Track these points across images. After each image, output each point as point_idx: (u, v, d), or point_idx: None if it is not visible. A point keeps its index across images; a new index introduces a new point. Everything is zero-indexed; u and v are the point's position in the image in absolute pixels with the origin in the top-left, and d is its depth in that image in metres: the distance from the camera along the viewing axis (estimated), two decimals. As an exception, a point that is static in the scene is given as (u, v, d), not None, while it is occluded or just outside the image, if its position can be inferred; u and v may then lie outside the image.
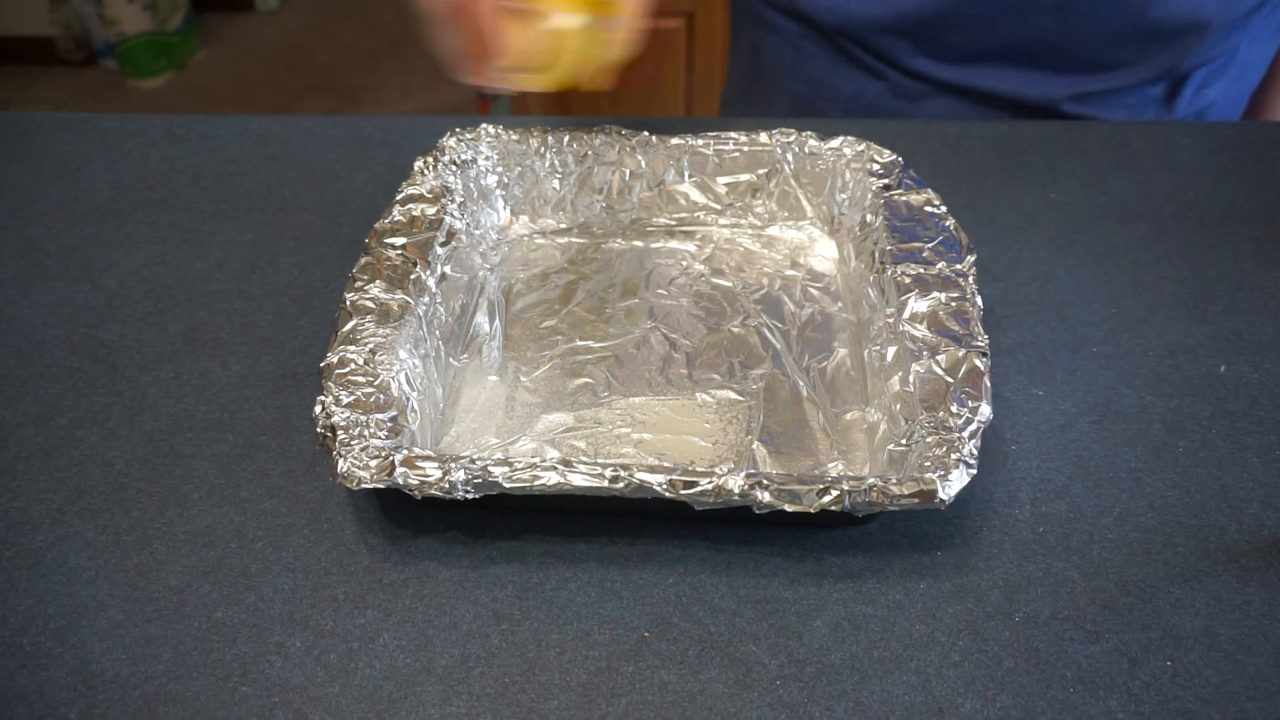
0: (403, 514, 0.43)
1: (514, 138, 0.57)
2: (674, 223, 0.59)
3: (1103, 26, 0.65)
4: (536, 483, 0.38)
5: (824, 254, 0.57)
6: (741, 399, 0.48)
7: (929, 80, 0.70)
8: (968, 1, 0.65)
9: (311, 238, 0.59)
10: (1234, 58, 0.69)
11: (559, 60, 0.48)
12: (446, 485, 0.38)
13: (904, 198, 0.52)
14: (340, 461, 0.39)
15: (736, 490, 0.38)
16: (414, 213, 0.52)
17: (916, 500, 0.38)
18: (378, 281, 0.47)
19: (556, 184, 0.58)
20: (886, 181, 0.54)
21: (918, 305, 0.46)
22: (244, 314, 0.54)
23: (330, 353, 0.44)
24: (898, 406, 0.43)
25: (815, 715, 0.36)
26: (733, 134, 0.57)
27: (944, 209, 0.52)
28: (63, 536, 0.43)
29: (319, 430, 0.40)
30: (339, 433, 0.40)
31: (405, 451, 0.39)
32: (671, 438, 0.46)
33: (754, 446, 0.45)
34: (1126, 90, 0.69)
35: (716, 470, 0.38)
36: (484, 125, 0.58)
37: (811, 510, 0.38)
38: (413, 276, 0.48)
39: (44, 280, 0.56)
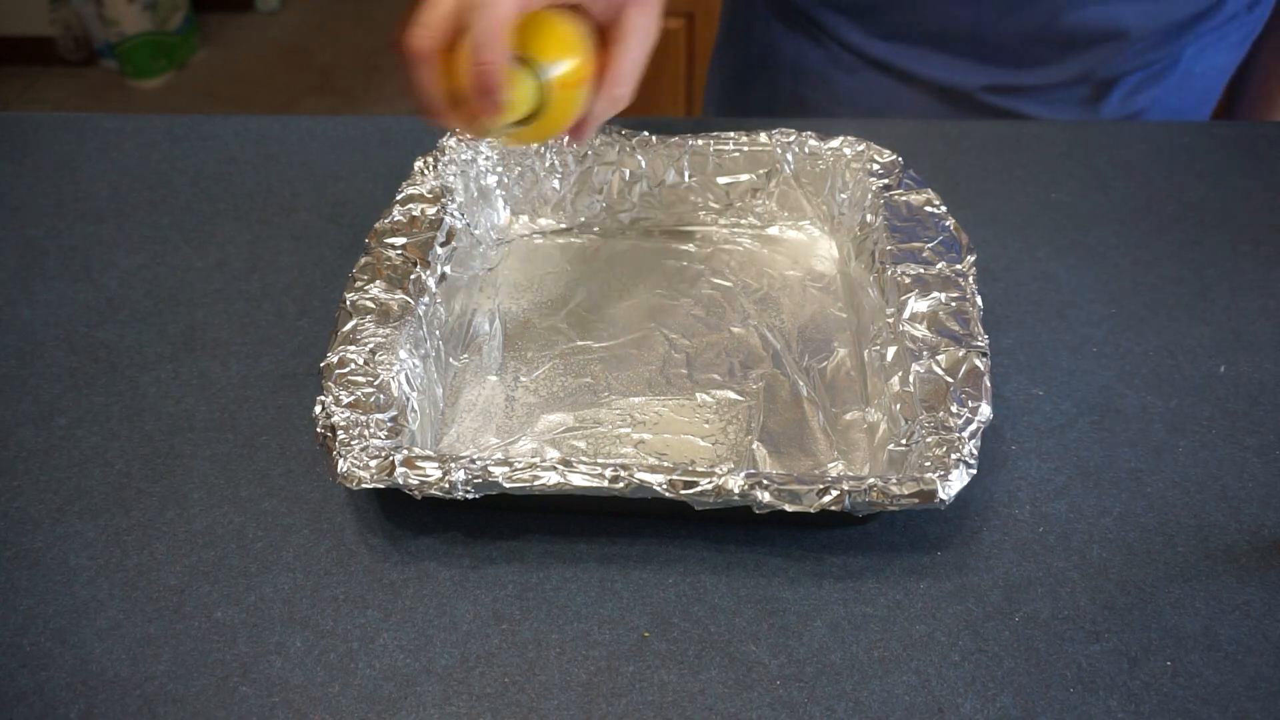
0: (403, 514, 0.43)
1: (514, 138, 0.57)
2: (674, 223, 0.59)
3: (1017, 25, 0.66)
4: (536, 483, 0.38)
5: (824, 254, 0.57)
6: (741, 399, 0.48)
7: (860, 54, 0.72)
8: None
9: (311, 238, 0.59)
10: (1174, 67, 0.69)
11: (550, 111, 0.42)
12: (446, 485, 0.38)
13: (904, 198, 0.52)
14: (340, 461, 0.39)
15: (736, 490, 0.38)
16: (414, 213, 0.52)
17: (916, 500, 0.38)
18: (378, 281, 0.47)
19: (556, 184, 0.58)
20: (886, 181, 0.54)
21: (918, 305, 0.46)
22: (244, 314, 0.54)
23: (330, 353, 0.44)
24: (898, 406, 0.43)
25: (815, 715, 0.36)
26: (733, 134, 0.57)
27: (944, 209, 0.52)
28: (63, 536, 0.43)
29: (319, 430, 0.40)
30: (339, 433, 0.40)
31: (405, 451, 0.39)
32: (671, 438, 0.46)
33: (754, 446, 0.45)
34: (1047, 88, 0.70)
35: (716, 470, 0.38)
36: (484, 125, 0.58)
37: (811, 510, 0.38)
38: (413, 276, 0.48)
39: (44, 280, 0.56)
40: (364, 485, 0.39)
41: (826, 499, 0.38)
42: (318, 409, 0.41)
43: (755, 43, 0.78)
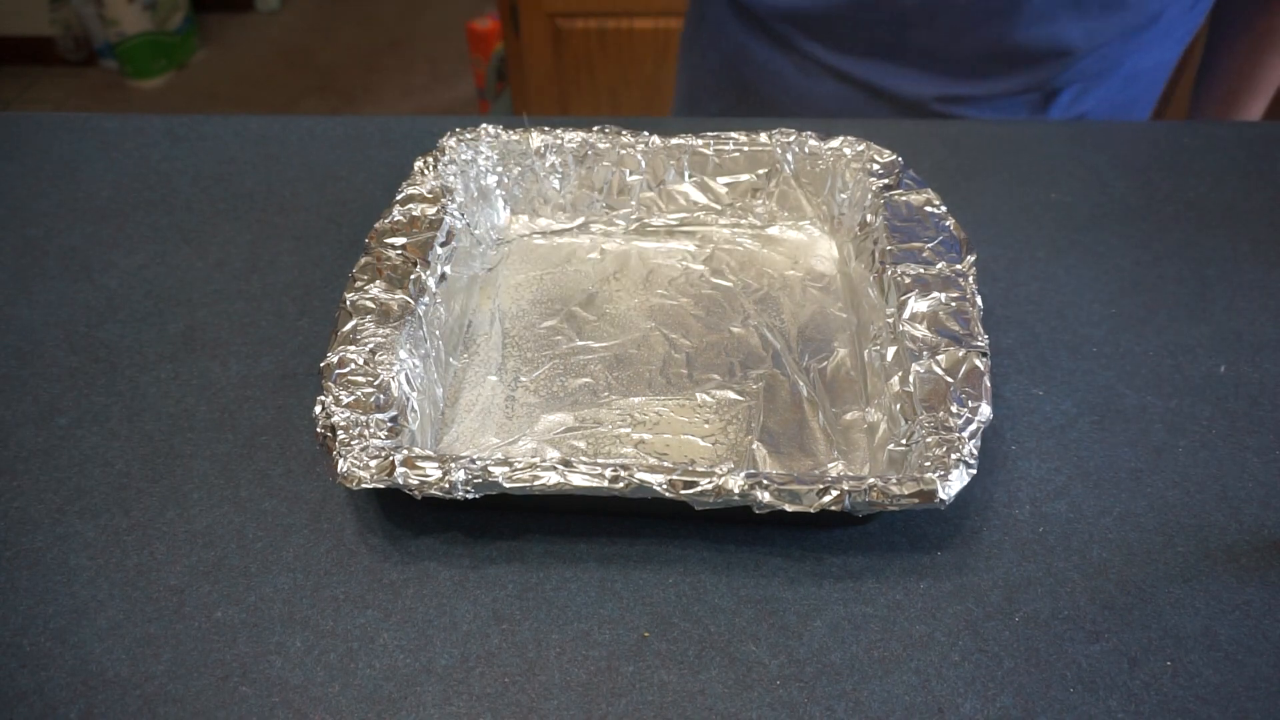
0: (403, 514, 0.43)
1: (514, 138, 0.57)
2: (674, 223, 0.59)
3: (969, 44, 0.69)
4: (536, 483, 0.38)
5: (824, 254, 0.57)
6: (741, 399, 0.48)
7: (820, 64, 0.75)
8: (852, 8, 0.70)
9: (311, 238, 0.59)
10: (1117, 69, 0.71)
11: None
12: (446, 485, 0.38)
13: (904, 198, 0.52)
14: (340, 461, 0.39)
15: (736, 490, 0.38)
16: (414, 213, 0.52)
17: (916, 500, 0.38)
18: (378, 281, 0.47)
19: (556, 184, 0.58)
20: (886, 181, 0.54)
21: (918, 305, 0.46)
22: (244, 314, 0.54)
23: (330, 353, 0.44)
24: (898, 406, 0.43)
25: (815, 715, 0.36)
26: (733, 134, 0.57)
27: (944, 209, 0.52)
28: (63, 536, 0.43)
29: (319, 430, 0.40)
30: (339, 433, 0.40)
31: (405, 451, 0.39)
32: (671, 438, 0.46)
33: (754, 446, 0.45)
34: (999, 97, 0.73)
35: (716, 470, 0.38)
36: (484, 125, 0.58)
37: (811, 510, 0.38)
38: (413, 276, 0.48)
39: (44, 280, 0.56)
40: (364, 485, 0.39)
41: (826, 499, 0.38)
42: (318, 409, 0.41)
43: (727, 41, 0.80)
